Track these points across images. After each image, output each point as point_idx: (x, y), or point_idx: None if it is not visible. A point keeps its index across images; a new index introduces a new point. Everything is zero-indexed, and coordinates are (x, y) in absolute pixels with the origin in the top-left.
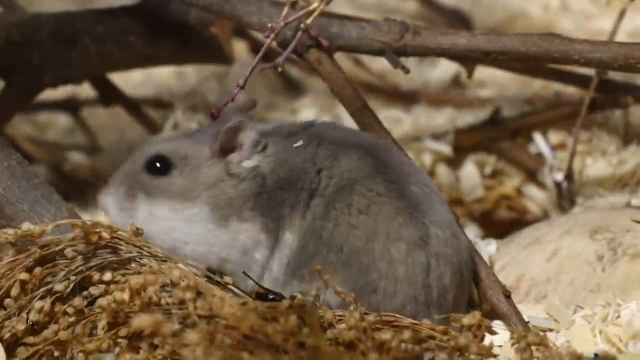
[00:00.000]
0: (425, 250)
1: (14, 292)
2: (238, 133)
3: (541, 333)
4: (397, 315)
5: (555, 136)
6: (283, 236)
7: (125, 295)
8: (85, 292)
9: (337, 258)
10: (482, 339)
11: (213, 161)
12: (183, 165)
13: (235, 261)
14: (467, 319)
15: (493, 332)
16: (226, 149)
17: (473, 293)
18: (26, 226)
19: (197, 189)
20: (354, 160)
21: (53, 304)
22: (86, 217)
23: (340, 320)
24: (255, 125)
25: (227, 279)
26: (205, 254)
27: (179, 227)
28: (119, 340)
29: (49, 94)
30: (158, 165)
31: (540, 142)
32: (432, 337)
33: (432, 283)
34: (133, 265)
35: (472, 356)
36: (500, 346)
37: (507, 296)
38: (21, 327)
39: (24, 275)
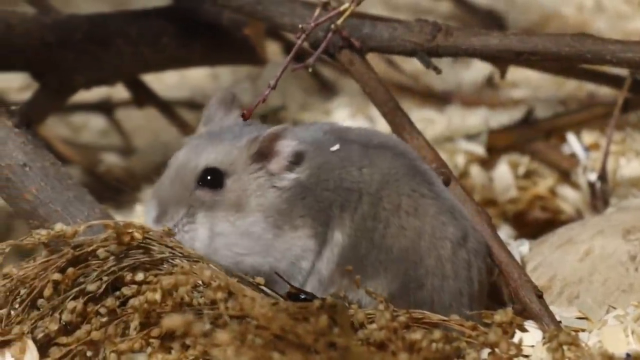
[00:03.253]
0: (466, 247)
1: (47, 292)
2: (277, 140)
3: (573, 333)
4: (427, 312)
5: (588, 136)
6: (332, 235)
7: (157, 296)
8: (117, 293)
9: (387, 257)
10: (512, 336)
11: (253, 167)
12: (232, 173)
13: (281, 270)
14: (499, 316)
15: (524, 330)
16: (262, 154)
17: (503, 293)
18: (59, 227)
19: (247, 197)
20: (388, 158)
21: (86, 304)
22: (120, 218)
23: (371, 320)
24: (292, 133)
25: (258, 279)
26: (263, 264)
27: (239, 239)
28: (151, 340)
29: (83, 96)
30: (210, 178)
31: (573, 143)
32: (462, 333)
33: (474, 278)
34: (165, 265)
35: (503, 354)
36: (533, 346)
37: (540, 296)
38: (54, 327)
39: (56, 276)
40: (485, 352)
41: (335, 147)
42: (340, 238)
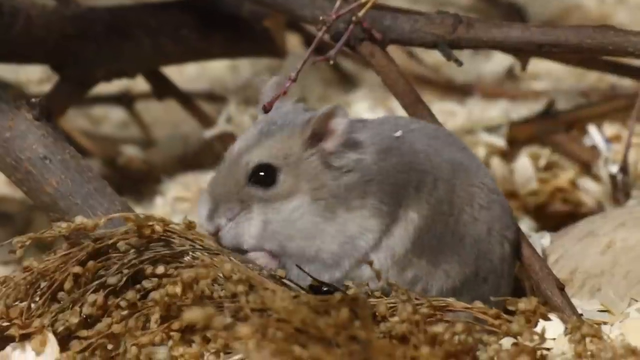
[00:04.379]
0: (517, 254)
1: (67, 285)
2: (330, 119)
3: (595, 325)
4: (448, 299)
5: (610, 128)
6: (407, 214)
7: (178, 289)
8: (138, 286)
9: (460, 243)
10: (536, 325)
11: (307, 152)
12: (284, 166)
13: (333, 251)
14: (523, 304)
15: (547, 318)
16: (317, 135)
17: (525, 286)
18: (79, 219)
19: (298, 182)
20: (453, 149)
21: (106, 297)
22: (140, 210)
23: (393, 311)
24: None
25: (279, 272)
26: (309, 247)
27: (283, 224)
28: (172, 333)
29: (103, 88)
30: (263, 174)
31: (595, 135)
32: (485, 322)
33: (511, 284)
34: (186, 258)
35: (526, 342)
36: (554, 339)
37: (561, 289)
38: (75, 320)
39: (77, 269)
40: (507, 342)
41: (398, 133)
42: (415, 217)
